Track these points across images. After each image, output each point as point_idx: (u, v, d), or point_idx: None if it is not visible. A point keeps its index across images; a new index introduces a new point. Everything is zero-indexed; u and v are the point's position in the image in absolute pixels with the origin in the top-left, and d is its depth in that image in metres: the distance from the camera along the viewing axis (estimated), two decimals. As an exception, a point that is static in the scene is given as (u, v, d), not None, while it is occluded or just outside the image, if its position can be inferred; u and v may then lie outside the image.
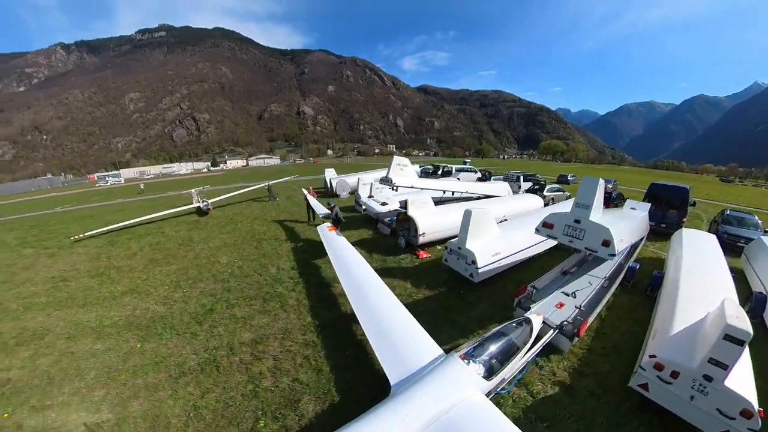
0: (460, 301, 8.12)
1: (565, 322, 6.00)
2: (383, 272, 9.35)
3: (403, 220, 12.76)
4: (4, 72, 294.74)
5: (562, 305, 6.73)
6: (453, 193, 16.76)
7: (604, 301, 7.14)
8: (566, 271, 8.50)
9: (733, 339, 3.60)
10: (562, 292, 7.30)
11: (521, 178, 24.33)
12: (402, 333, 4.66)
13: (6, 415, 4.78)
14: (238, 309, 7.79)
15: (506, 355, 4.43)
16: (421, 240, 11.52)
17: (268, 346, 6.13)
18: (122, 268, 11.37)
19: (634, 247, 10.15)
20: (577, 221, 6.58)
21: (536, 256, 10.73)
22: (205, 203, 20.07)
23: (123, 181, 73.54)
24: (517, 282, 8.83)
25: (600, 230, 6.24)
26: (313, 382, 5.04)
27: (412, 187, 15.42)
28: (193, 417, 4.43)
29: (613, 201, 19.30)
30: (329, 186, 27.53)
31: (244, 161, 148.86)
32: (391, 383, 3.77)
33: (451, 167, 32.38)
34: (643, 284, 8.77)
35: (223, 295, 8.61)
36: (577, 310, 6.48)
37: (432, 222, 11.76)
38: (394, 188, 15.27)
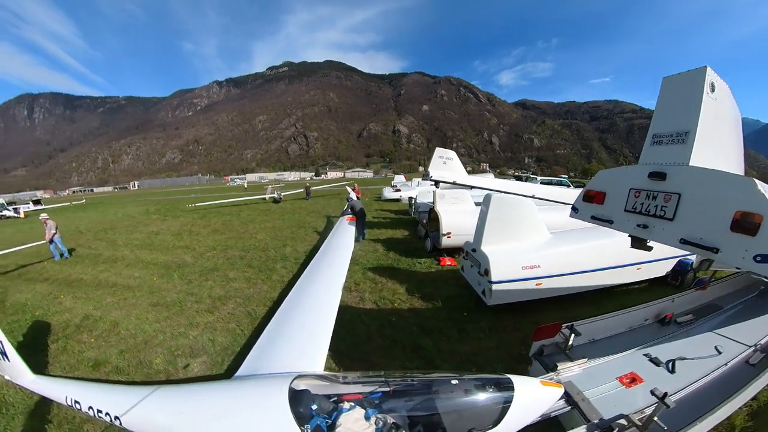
0: (451, 327, 5.44)
1: (628, 422, 2.75)
2: (385, 272, 8.15)
3: (434, 219, 11.67)
4: (181, 102, 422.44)
5: (634, 381, 3.37)
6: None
7: (742, 397, 3.16)
8: (666, 319, 4.41)
9: None
10: (645, 355, 3.78)
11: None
12: (303, 332, 3.49)
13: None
14: (234, 272, 8.57)
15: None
16: (446, 242, 9.43)
17: (224, 304, 6.61)
18: (193, 232, 14.81)
19: None
20: (658, 176, 2.50)
21: (618, 288, 6.64)
22: (279, 195, 25.88)
23: (246, 183, 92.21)
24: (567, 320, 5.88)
25: (728, 186, 2.11)
26: (217, 347, 5.08)
27: (454, 183, 14.04)
28: (138, 330, 5.72)
29: None
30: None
31: (342, 173, 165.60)
32: (236, 373, 2.95)
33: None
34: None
35: (235, 261, 9.64)
36: (665, 407, 2.56)
37: (464, 222, 9.38)
38: (433, 183, 14.28)
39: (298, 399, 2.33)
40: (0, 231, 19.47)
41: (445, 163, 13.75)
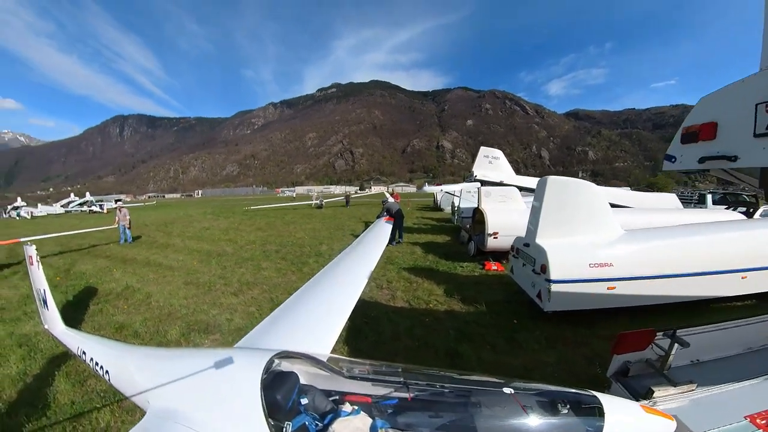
0: (496, 334, 4.50)
1: None
2: (422, 273, 7.54)
3: (479, 222, 10.74)
4: (241, 121, 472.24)
5: None
6: None
7: None
8: None
9: None
10: None
11: (709, 196, 16.97)
12: (315, 313, 2.91)
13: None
14: (267, 263, 8.76)
15: None
16: (492, 243, 8.43)
17: (251, 289, 6.63)
18: (239, 229, 15.78)
19: None
20: None
21: (714, 303, 5.27)
22: (321, 201, 28.66)
23: (295, 194, 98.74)
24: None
25: None
26: (231, 327, 5.03)
27: (501, 183, 13.01)
28: (166, 303, 5.96)
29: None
30: (436, 201, 27.22)
31: (386, 188, 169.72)
32: (234, 346, 2.51)
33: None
34: None
35: (270, 254, 9.87)
36: None
37: (512, 221, 8.40)
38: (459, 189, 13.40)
39: (277, 384, 1.70)
40: (87, 220, 25.58)
41: (491, 163, 12.83)
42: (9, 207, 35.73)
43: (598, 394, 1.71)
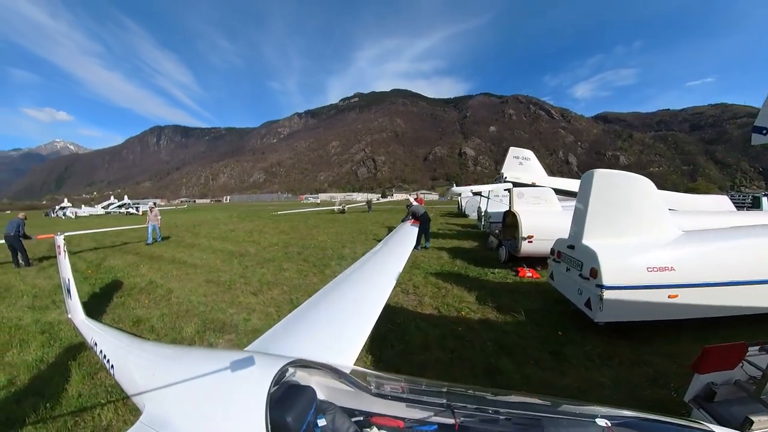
0: (539, 347, 3.93)
1: None
2: (451, 278, 6.99)
3: (510, 226, 10.04)
4: (268, 131, 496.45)
5: None
6: None
7: None
8: None
9: None
10: None
11: (765, 198, 15.31)
12: (336, 319, 2.50)
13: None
14: (289, 264, 8.67)
15: None
16: (527, 248, 7.72)
17: (270, 289, 6.50)
18: (263, 232, 16.14)
19: None
20: None
21: None
22: (343, 207, 29.76)
23: (319, 200, 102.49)
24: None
25: None
26: (248, 327, 4.86)
27: (533, 185, 12.20)
28: (185, 300, 5.94)
29: None
30: (460, 207, 26.51)
31: (408, 195, 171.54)
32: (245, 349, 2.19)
33: None
34: None
35: (292, 256, 9.88)
36: None
37: (548, 224, 7.75)
38: (505, 185, 12.64)
39: (289, 399, 1.35)
40: (123, 221, 27.17)
41: (522, 164, 12.19)
42: (56, 207, 40.38)
43: (715, 428, 1.27)
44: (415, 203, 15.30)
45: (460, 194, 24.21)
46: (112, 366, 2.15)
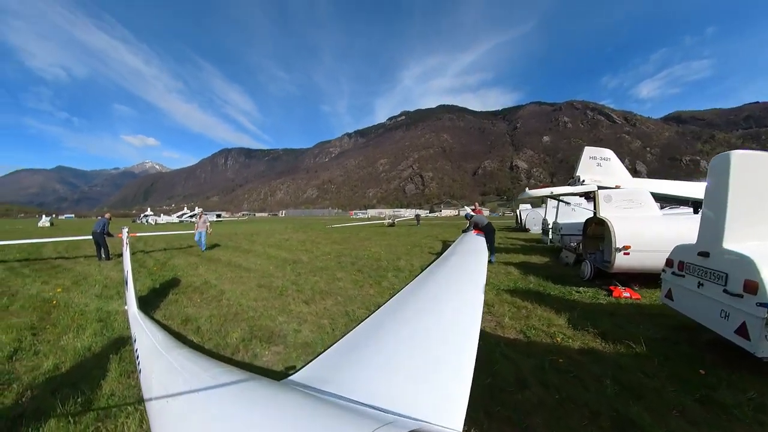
0: (679, 391, 2.88)
1: None
2: (529, 297, 6.00)
3: (593, 237, 8.41)
4: (321, 151, 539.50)
5: None
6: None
7: None
8: None
9: None
10: None
11: None
12: (423, 360, 1.44)
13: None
14: (342, 273, 8.34)
15: None
16: (622, 262, 6.24)
17: (324, 299, 6.15)
18: (316, 242, 16.57)
19: None
20: None
21: None
22: (393, 220, 32.36)
23: (369, 215, 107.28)
24: None
25: None
26: (298, 340, 4.34)
27: (617, 189, 10.14)
28: (235, 302, 5.80)
29: None
30: (519, 220, 24.66)
31: (456, 211, 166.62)
32: (291, 377, 1.33)
33: None
34: None
35: (346, 265, 9.59)
36: None
37: (649, 231, 6.34)
38: (581, 191, 10.76)
39: None
40: (188, 227, 29.72)
41: (600, 165, 10.37)
42: (142, 215, 54.67)
43: None
44: (474, 214, 14.07)
45: (531, 198, 21.66)
46: (140, 364, 1.94)
